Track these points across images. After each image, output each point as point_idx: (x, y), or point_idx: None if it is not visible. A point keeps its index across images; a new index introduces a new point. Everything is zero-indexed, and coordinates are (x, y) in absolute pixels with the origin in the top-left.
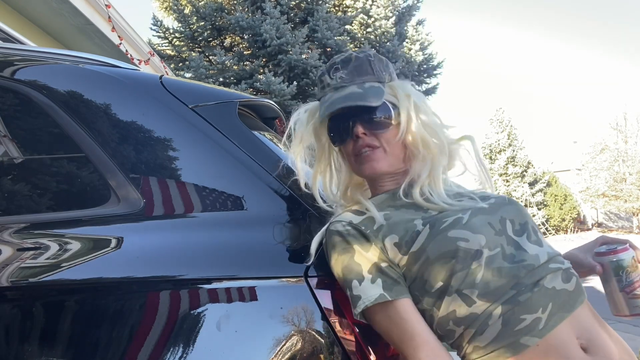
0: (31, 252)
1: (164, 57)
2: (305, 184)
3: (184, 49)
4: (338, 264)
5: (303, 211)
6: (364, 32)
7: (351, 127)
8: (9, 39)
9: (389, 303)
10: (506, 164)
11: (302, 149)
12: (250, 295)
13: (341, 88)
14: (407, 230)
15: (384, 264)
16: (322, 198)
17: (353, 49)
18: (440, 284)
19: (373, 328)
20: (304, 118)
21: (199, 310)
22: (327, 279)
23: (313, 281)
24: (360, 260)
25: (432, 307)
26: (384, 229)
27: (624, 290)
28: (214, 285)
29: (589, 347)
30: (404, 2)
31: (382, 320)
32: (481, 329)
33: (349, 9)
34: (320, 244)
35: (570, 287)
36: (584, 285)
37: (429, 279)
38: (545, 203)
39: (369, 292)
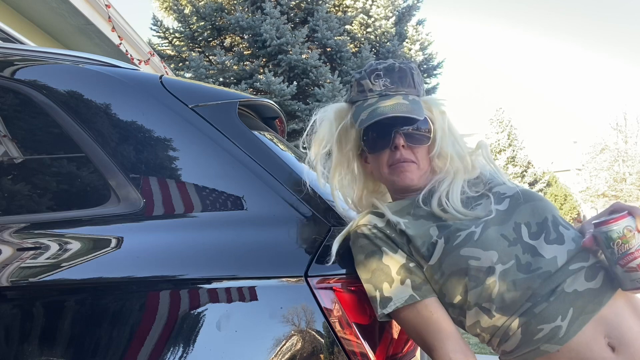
0: (31, 252)
1: (164, 57)
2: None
3: (184, 49)
4: (366, 266)
5: (303, 211)
6: (364, 32)
7: (392, 137)
8: (9, 39)
9: (418, 303)
10: (506, 164)
11: (322, 150)
12: (250, 295)
13: (386, 96)
14: (424, 242)
15: (412, 264)
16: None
17: (353, 49)
18: (459, 297)
19: (373, 328)
20: (331, 118)
21: (199, 310)
22: (328, 279)
23: (313, 281)
24: (389, 262)
25: (459, 316)
26: (406, 235)
27: (618, 263)
28: (214, 285)
29: (618, 346)
30: (404, 2)
31: (410, 319)
32: (504, 338)
33: (349, 9)
34: (341, 244)
35: (595, 285)
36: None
37: (447, 293)
38: None
39: (399, 293)
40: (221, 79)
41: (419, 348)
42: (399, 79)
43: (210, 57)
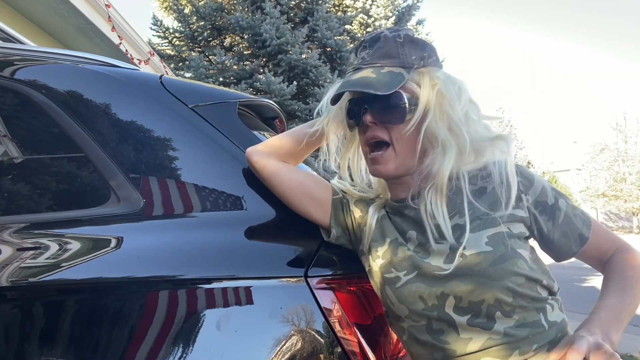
0: (31, 252)
1: (164, 57)
2: (336, 165)
3: (184, 48)
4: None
5: None
6: (364, 32)
7: (362, 114)
8: (9, 39)
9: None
10: None
11: (332, 129)
12: (250, 295)
13: (358, 70)
14: (376, 239)
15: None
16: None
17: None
18: (381, 300)
19: (373, 328)
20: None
21: (199, 310)
22: (327, 279)
23: (313, 281)
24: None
25: None
26: (368, 225)
27: None
28: (214, 285)
29: None
30: (404, 2)
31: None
32: None
33: (349, 9)
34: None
35: None
36: (585, 285)
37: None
38: None
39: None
40: (221, 79)
41: None
42: (377, 49)
43: (210, 57)
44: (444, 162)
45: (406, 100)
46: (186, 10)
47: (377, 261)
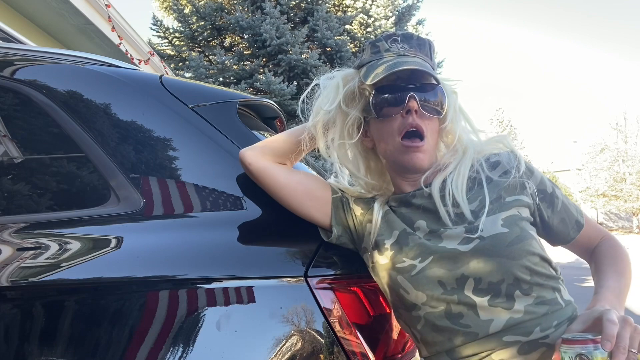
0: (31, 252)
1: (164, 56)
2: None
3: (184, 48)
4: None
5: None
6: (364, 32)
7: (407, 99)
8: (9, 39)
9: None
10: None
11: (325, 117)
12: (250, 295)
13: (405, 56)
14: (383, 233)
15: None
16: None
17: (353, 49)
18: (389, 297)
19: (373, 328)
20: (338, 81)
21: (199, 310)
22: (327, 279)
23: (313, 281)
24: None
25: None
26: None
27: None
28: (214, 285)
29: None
30: (404, 2)
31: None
32: None
33: (349, 9)
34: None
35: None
36: (585, 285)
37: (378, 282)
38: None
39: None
40: (221, 79)
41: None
42: (418, 45)
43: (210, 57)
44: (464, 159)
45: (446, 97)
46: (186, 10)
47: (385, 254)
